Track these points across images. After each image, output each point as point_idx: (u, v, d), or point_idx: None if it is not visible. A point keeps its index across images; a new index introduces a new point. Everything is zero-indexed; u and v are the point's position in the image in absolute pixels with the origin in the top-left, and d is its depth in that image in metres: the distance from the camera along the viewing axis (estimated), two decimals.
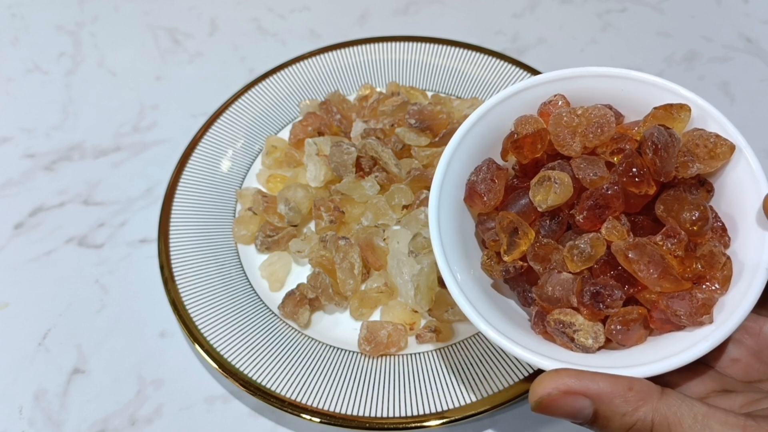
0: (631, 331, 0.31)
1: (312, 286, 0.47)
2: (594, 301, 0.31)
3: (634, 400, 0.27)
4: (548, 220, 0.34)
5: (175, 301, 0.47)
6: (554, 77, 0.37)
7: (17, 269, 0.53)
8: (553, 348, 0.32)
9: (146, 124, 0.63)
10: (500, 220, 0.34)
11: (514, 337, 0.31)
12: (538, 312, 0.33)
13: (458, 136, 0.36)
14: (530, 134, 0.35)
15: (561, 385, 0.27)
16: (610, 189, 0.32)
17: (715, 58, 0.66)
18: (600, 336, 0.31)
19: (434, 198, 0.35)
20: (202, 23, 0.73)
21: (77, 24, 0.73)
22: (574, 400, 0.27)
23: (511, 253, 0.34)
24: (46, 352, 0.49)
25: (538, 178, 0.34)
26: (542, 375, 0.28)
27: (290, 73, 0.61)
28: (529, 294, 0.35)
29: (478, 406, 0.41)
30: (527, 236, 0.34)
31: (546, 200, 0.33)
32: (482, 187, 0.35)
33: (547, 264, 0.33)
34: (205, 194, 0.54)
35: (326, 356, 0.45)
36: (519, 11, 0.71)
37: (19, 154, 0.61)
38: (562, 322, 0.32)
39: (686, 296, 0.30)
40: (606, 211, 0.32)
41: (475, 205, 0.36)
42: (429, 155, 0.52)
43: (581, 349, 0.31)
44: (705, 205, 0.32)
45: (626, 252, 0.30)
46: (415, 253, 0.48)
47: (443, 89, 0.60)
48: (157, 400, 0.46)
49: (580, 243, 0.32)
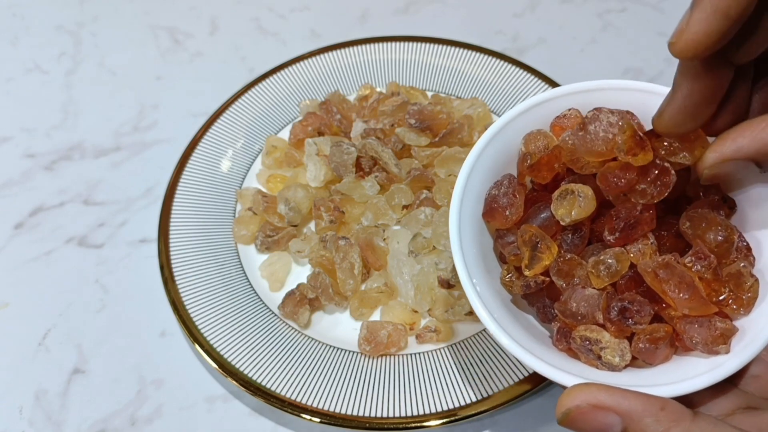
0: (659, 349, 0.30)
1: (312, 286, 0.47)
2: (622, 317, 0.30)
3: (665, 421, 0.26)
4: (570, 234, 0.34)
5: (175, 301, 0.47)
6: (573, 90, 0.36)
7: (17, 269, 0.53)
8: (577, 365, 0.31)
9: (146, 124, 0.63)
10: (522, 233, 0.33)
11: (539, 354, 0.30)
12: (560, 328, 0.32)
13: (476, 150, 0.35)
14: (545, 156, 0.34)
15: (591, 398, 0.27)
16: (644, 210, 0.31)
17: None
18: (626, 354, 0.31)
19: (455, 212, 0.34)
20: (202, 23, 0.73)
21: (77, 24, 0.73)
22: (604, 416, 0.26)
23: (533, 267, 0.33)
24: (46, 352, 0.49)
25: (560, 191, 0.33)
26: (571, 387, 0.28)
27: (290, 73, 0.61)
28: (550, 310, 0.34)
29: (479, 406, 0.41)
30: (550, 250, 0.33)
31: (570, 214, 0.32)
32: (504, 201, 0.34)
33: (570, 279, 0.33)
34: (205, 194, 0.54)
35: (326, 356, 0.45)
36: (519, 11, 0.71)
37: (19, 154, 0.61)
38: (588, 339, 0.31)
39: (705, 323, 0.30)
40: (637, 231, 0.31)
41: (495, 220, 0.35)
42: (429, 155, 0.52)
43: (607, 367, 0.31)
44: (731, 227, 0.31)
45: (656, 271, 0.30)
46: (415, 253, 0.48)
47: (443, 89, 0.60)
48: (157, 400, 0.46)
49: (606, 258, 0.31)
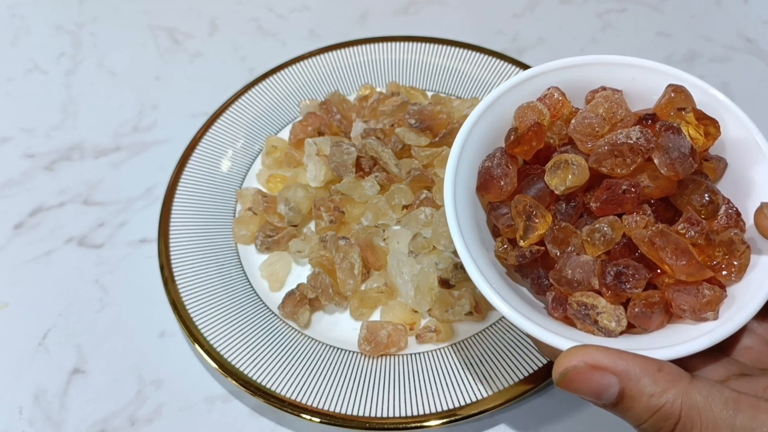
0: (655, 314, 0.30)
1: (312, 286, 0.47)
2: (618, 281, 0.30)
3: (663, 382, 0.26)
4: (564, 203, 0.34)
5: (175, 301, 0.47)
6: (563, 65, 0.37)
7: (17, 269, 0.53)
8: (574, 332, 0.31)
9: (146, 124, 0.63)
10: (516, 204, 0.34)
11: (537, 321, 0.30)
12: (555, 297, 0.33)
13: (467, 126, 0.36)
14: (526, 133, 0.34)
15: (589, 358, 0.26)
16: (627, 192, 0.31)
17: (715, 58, 0.66)
18: (622, 319, 0.31)
19: (449, 186, 0.34)
20: (202, 23, 0.73)
21: (77, 24, 0.73)
22: (601, 376, 0.26)
23: (528, 237, 0.33)
24: (46, 352, 0.49)
25: (553, 162, 0.33)
26: (569, 349, 0.27)
27: (290, 73, 0.61)
28: (544, 280, 0.34)
29: (478, 405, 0.41)
30: (545, 219, 0.33)
31: (564, 182, 0.32)
32: (498, 171, 0.34)
33: (565, 248, 0.33)
34: (205, 194, 0.54)
35: (326, 356, 0.45)
36: (519, 11, 0.72)
37: (19, 154, 0.61)
38: (585, 304, 0.31)
39: (692, 291, 0.30)
40: (621, 206, 0.32)
41: (489, 192, 0.35)
42: (429, 155, 0.52)
43: (604, 333, 0.31)
44: (716, 190, 0.32)
45: (652, 239, 0.30)
46: (415, 253, 0.48)
47: (443, 89, 0.60)
48: (157, 400, 0.46)
49: (600, 226, 0.31)
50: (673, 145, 0.31)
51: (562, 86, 0.36)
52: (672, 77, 0.36)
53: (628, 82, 0.36)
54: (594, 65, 0.37)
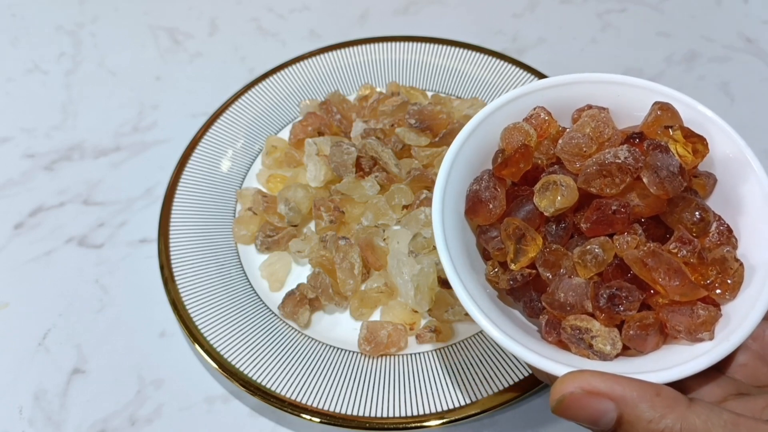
0: (650, 336, 0.30)
1: (312, 286, 0.47)
2: (611, 303, 0.30)
3: (661, 407, 0.26)
4: (554, 225, 0.34)
5: (175, 301, 0.47)
6: (549, 84, 0.37)
7: (17, 269, 0.53)
8: (568, 356, 0.31)
9: (146, 124, 0.63)
10: (506, 227, 0.33)
11: (531, 346, 0.30)
12: (548, 320, 0.32)
13: (454, 149, 0.35)
14: (514, 155, 0.34)
15: (585, 384, 0.26)
16: (618, 212, 0.31)
17: (715, 58, 0.66)
18: (617, 342, 0.30)
19: (437, 211, 0.34)
20: (202, 23, 0.73)
21: (77, 24, 0.73)
22: (598, 402, 0.26)
23: (518, 260, 0.33)
24: (46, 352, 0.49)
25: (542, 183, 0.33)
26: (565, 375, 0.27)
27: (290, 73, 0.61)
28: (537, 303, 0.34)
29: (478, 406, 0.41)
30: (535, 242, 0.33)
31: (554, 204, 0.32)
32: (486, 194, 0.34)
33: (557, 270, 0.32)
34: (205, 194, 0.54)
35: (326, 356, 0.45)
36: (519, 11, 0.72)
37: (19, 154, 0.61)
38: (579, 328, 0.31)
39: (687, 311, 0.30)
40: (612, 226, 0.32)
41: (478, 216, 0.35)
42: (429, 155, 0.52)
43: (599, 356, 0.31)
44: (707, 207, 0.32)
45: (644, 260, 0.30)
46: (415, 253, 0.48)
47: (443, 89, 0.60)
48: (157, 400, 0.46)
49: (592, 247, 0.31)
50: (662, 163, 0.31)
51: (547, 105, 0.36)
52: (658, 94, 0.35)
53: (614, 99, 0.36)
54: (579, 83, 0.37)
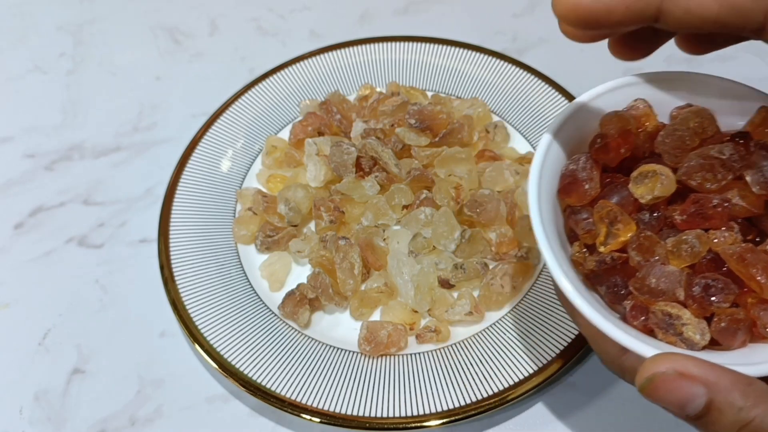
0: (740, 331, 0.30)
1: (312, 286, 0.47)
2: (705, 293, 0.30)
3: (754, 396, 0.25)
4: (648, 214, 0.33)
5: (175, 301, 0.47)
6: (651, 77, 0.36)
7: (17, 269, 0.53)
8: (655, 341, 0.31)
9: (146, 124, 0.63)
10: (599, 209, 0.33)
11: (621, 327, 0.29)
12: (635, 305, 0.32)
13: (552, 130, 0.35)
14: (614, 140, 0.34)
15: (679, 366, 0.25)
16: (718, 207, 0.31)
17: (715, 58, 0.65)
18: (706, 333, 0.30)
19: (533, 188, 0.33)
20: (203, 23, 0.73)
21: (78, 24, 0.73)
22: (689, 386, 0.25)
23: (608, 243, 0.32)
24: (46, 352, 0.49)
25: (639, 171, 0.33)
26: (655, 355, 0.26)
27: (290, 73, 0.61)
28: (620, 290, 0.33)
29: (478, 406, 0.41)
30: (629, 226, 0.32)
31: (652, 191, 0.32)
32: (583, 175, 0.34)
33: (650, 256, 0.32)
34: (205, 194, 0.54)
35: (326, 356, 0.45)
36: (519, 11, 0.71)
37: (20, 154, 0.61)
38: (669, 314, 0.30)
39: None
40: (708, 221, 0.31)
41: (571, 195, 0.34)
42: (429, 155, 0.52)
43: (687, 345, 0.30)
44: None
45: (743, 255, 0.29)
46: (415, 253, 0.48)
47: (443, 89, 0.60)
48: (157, 400, 0.46)
49: (688, 238, 0.31)
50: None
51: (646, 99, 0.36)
52: (764, 100, 0.35)
53: (715, 102, 0.35)
54: (680, 80, 0.36)
